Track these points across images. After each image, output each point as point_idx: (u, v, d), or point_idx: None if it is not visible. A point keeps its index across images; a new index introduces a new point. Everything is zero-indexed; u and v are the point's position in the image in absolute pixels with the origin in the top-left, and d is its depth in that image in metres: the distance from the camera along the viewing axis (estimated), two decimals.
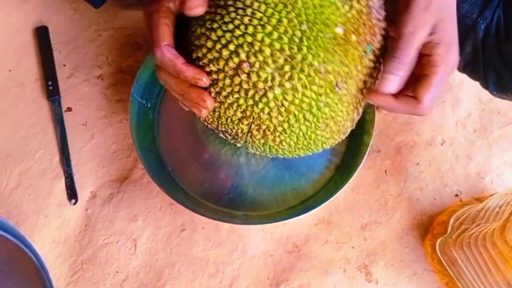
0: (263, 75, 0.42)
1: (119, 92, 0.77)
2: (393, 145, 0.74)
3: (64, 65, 0.78)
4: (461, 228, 0.64)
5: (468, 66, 0.59)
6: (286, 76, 0.42)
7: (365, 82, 0.45)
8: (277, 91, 0.43)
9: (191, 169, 0.68)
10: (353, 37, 0.42)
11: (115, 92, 0.77)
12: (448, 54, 0.41)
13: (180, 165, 0.68)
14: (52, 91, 0.76)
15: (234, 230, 0.69)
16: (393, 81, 0.42)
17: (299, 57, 0.41)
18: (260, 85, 0.42)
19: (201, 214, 0.61)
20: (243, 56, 0.41)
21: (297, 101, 0.43)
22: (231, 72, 0.43)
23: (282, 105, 0.43)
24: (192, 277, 0.67)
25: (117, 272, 0.67)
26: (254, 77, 0.42)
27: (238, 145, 0.51)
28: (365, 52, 0.44)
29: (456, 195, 0.72)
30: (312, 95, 0.43)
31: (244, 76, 0.42)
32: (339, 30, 0.42)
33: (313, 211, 0.61)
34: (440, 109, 0.76)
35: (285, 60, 0.41)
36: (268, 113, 0.44)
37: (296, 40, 0.41)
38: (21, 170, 0.72)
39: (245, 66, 0.42)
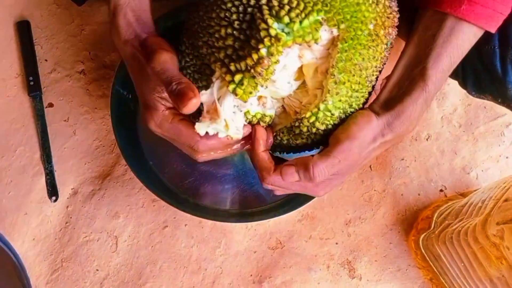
0: None
1: (102, 87, 0.76)
2: None
3: (46, 60, 0.77)
4: (445, 223, 0.63)
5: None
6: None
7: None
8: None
9: (172, 163, 0.67)
10: (382, 32, 0.43)
11: (97, 87, 0.76)
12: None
13: (161, 159, 0.67)
14: (33, 87, 0.74)
15: (217, 226, 0.68)
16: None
17: (344, 56, 0.41)
18: None
19: (183, 210, 0.60)
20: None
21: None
22: None
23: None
24: (174, 274, 0.66)
25: (97, 270, 0.67)
26: None
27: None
28: (386, 45, 0.45)
29: (441, 190, 0.72)
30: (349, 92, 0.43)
31: None
32: (371, 26, 0.42)
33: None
34: None
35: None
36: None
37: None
38: (1, 167, 0.71)
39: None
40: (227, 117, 0.42)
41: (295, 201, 0.63)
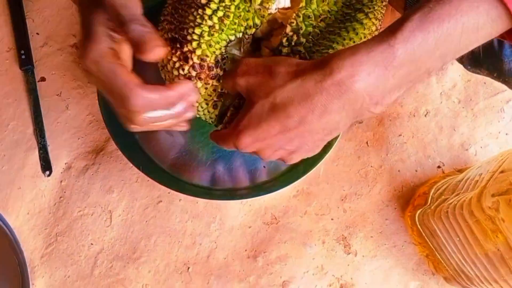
0: None
1: None
2: (375, 116, 0.72)
3: (38, 34, 0.76)
4: (441, 198, 0.63)
5: None
6: None
7: None
8: None
9: (159, 137, 0.66)
10: None
11: None
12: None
13: (147, 133, 0.65)
14: (25, 61, 0.73)
15: (212, 202, 0.68)
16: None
17: None
18: None
19: (167, 186, 0.60)
20: None
21: None
22: None
23: None
24: (169, 248, 0.66)
25: (92, 244, 0.66)
26: None
27: None
28: None
29: (439, 167, 0.71)
30: None
31: None
32: None
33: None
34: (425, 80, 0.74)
35: None
36: None
37: None
38: None
39: None
40: None
41: (289, 175, 0.63)
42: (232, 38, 0.44)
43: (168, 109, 0.39)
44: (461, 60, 0.57)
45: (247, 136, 0.40)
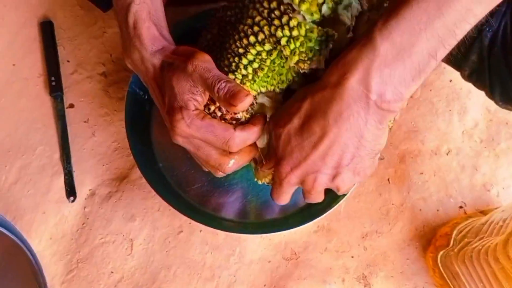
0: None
1: (122, 90, 0.76)
2: (397, 153, 0.73)
3: (68, 61, 0.78)
4: (464, 241, 0.62)
5: (474, 74, 0.57)
6: None
7: None
8: None
9: (182, 167, 0.66)
10: None
11: (117, 89, 0.76)
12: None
13: (171, 162, 0.66)
14: (54, 87, 0.75)
15: (232, 234, 0.68)
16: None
17: None
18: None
19: (189, 216, 0.60)
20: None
21: None
22: None
23: None
24: (188, 280, 0.66)
25: (112, 272, 0.67)
26: None
27: None
28: None
29: (461, 207, 0.71)
30: None
31: None
32: None
33: None
34: (447, 118, 0.74)
35: None
36: None
37: None
38: (21, 165, 0.72)
39: None
40: None
41: (309, 212, 0.63)
42: (263, 90, 0.45)
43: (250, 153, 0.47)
44: (492, 95, 0.57)
45: (284, 165, 0.42)
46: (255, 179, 0.51)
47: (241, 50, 0.43)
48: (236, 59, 0.43)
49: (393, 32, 0.36)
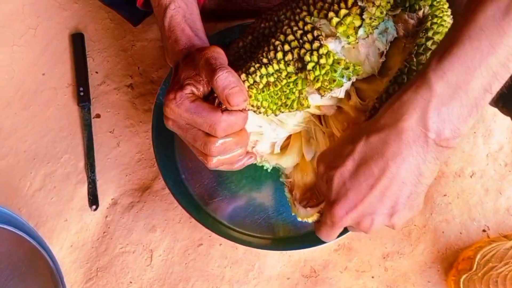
0: None
1: (148, 102, 0.77)
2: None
3: (97, 72, 0.80)
4: (488, 265, 0.61)
5: (500, 100, 0.57)
6: None
7: None
8: None
9: (204, 179, 0.67)
10: None
11: (144, 101, 0.78)
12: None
13: (194, 174, 0.67)
14: (82, 97, 0.77)
15: (252, 249, 0.68)
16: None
17: None
18: None
19: (210, 228, 0.61)
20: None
21: None
22: None
23: None
24: None
25: (131, 282, 0.67)
26: None
27: None
28: None
29: (484, 231, 0.69)
30: None
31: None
32: None
33: None
34: (472, 140, 0.74)
35: None
36: None
37: None
38: (46, 173, 0.73)
39: None
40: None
41: None
42: (265, 105, 0.45)
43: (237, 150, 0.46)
44: None
45: (339, 208, 0.41)
46: (298, 217, 0.52)
47: (265, 60, 0.44)
48: (257, 65, 0.44)
49: (448, 72, 0.36)
